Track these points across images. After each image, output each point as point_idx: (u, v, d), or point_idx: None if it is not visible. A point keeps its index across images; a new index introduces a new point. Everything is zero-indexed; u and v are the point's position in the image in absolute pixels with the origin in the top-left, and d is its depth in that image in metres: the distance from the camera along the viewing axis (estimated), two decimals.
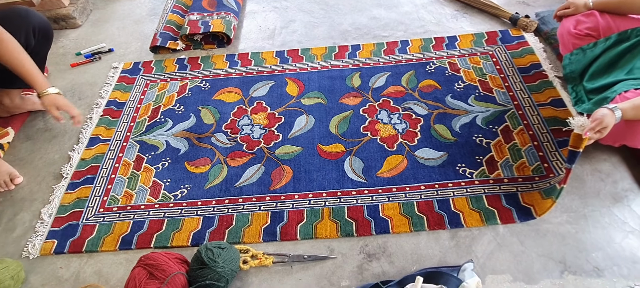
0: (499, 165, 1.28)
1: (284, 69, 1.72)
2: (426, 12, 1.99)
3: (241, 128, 1.48)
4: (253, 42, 1.90)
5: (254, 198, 1.27)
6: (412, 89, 1.56)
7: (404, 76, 1.62)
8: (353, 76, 1.64)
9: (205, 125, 1.51)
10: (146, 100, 1.64)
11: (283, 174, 1.32)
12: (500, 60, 1.64)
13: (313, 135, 1.43)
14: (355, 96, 1.56)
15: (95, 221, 1.25)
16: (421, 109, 1.47)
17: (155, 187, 1.33)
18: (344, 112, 1.50)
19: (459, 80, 1.57)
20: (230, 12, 1.95)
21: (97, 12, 2.23)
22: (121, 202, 1.30)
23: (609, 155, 1.30)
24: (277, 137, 1.43)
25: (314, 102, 1.55)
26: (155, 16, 2.13)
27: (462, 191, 1.23)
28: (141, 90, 1.69)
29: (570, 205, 1.18)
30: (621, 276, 1.03)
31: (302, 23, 1.99)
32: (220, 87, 1.66)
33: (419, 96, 1.53)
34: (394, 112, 1.48)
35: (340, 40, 1.85)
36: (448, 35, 1.80)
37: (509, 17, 1.84)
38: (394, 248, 1.12)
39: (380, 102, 1.52)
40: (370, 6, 2.06)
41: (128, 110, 1.61)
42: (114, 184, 1.35)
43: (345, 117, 1.48)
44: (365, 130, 1.43)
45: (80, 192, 1.34)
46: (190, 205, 1.27)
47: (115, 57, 1.90)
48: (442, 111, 1.46)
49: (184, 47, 1.88)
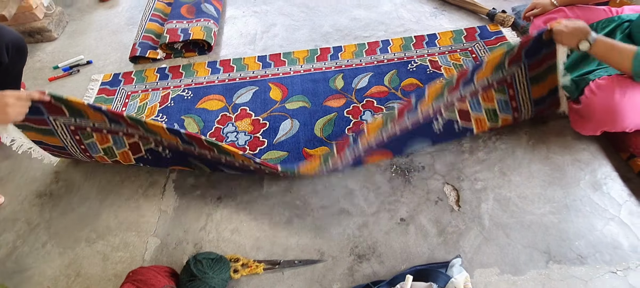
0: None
1: (266, 74, 1.71)
2: (405, 11, 2.01)
3: (226, 135, 1.47)
4: (234, 48, 1.89)
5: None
6: (394, 88, 1.57)
7: (387, 76, 1.63)
8: (336, 78, 1.65)
9: None
10: (128, 112, 1.61)
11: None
12: (480, 56, 1.67)
13: (298, 139, 1.43)
14: (339, 98, 1.56)
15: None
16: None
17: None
18: (328, 114, 1.50)
19: (441, 77, 1.60)
20: (209, 18, 1.93)
21: (74, 24, 2.18)
22: None
23: (588, 145, 1.33)
24: (262, 143, 1.43)
25: (298, 106, 1.55)
26: (134, 25, 2.09)
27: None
28: (122, 102, 1.66)
29: (552, 196, 1.21)
30: (603, 262, 1.06)
31: (283, 27, 1.99)
32: (203, 95, 1.65)
33: (401, 95, 1.54)
34: (378, 112, 1.49)
35: (322, 42, 1.86)
36: (428, 33, 1.83)
37: (486, 12, 1.88)
38: (384, 249, 1.13)
39: (364, 102, 1.53)
40: (350, 7, 2.07)
41: None
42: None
43: (330, 120, 1.48)
44: (350, 132, 1.43)
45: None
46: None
47: (95, 69, 1.86)
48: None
49: (165, 56, 1.85)
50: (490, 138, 1.38)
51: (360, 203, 1.23)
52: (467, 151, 1.35)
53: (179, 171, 1.35)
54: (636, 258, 1.07)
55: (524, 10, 1.61)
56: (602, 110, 1.14)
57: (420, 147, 1.34)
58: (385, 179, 1.29)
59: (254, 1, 2.20)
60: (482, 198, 1.22)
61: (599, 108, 1.16)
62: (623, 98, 1.11)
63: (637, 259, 1.07)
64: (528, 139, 1.37)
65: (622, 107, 1.11)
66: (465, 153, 1.34)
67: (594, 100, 1.16)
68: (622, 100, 1.11)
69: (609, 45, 1.10)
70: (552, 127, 1.40)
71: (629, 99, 1.11)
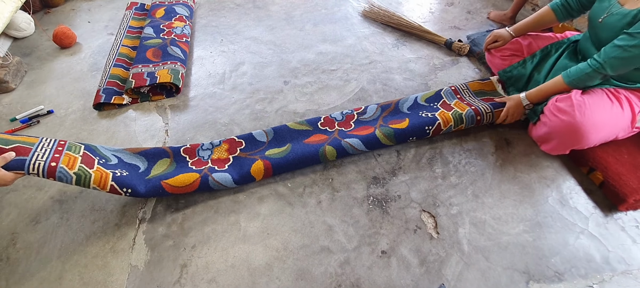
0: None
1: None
2: (369, 44, 2.08)
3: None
4: (203, 88, 1.87)
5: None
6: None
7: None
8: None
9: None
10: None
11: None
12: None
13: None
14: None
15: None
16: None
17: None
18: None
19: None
20: (176, 60, 1.92)
21: (33, 73, 2.10)
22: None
23: (551, 162, 1.40)
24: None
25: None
26: (97, 71, 2.04)
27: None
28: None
29: (524, 214, 1.24)
30: (580, 276, 1.09)
31: (251, 64, 2.00)
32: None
33: (383, 122, 1.52)
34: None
35: (291, 77, 1.88)
36: (391, 63, 1.89)
37: (443, 42, 1.97)
38: (367, 285, 1.11)
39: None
40: (316, 42, 2.12)
41: None
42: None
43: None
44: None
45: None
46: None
47: (56, 119, 1.78)
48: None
49: (131, 101, 1.81)
50: (460, 162, 1.42)
51: (341, 238, 1.22)
52: (439, 176, 1.38)
53: (150, 220, 1.29)
54: (609, 269, 1.11)
55: (482, 39, 1.71)
56: (567, 132, 1.23)
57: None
58: (363, 212, 1.29)
59: (221, 41, 2.21)
60: (459, 223, 1.24)
61: (563, 130, 1.24)
62: (583, 117, 1.19)
63: (610, 270, 1.11)
64: (495, 160, 1.42)
65: (584, 127, 1.20)
66: (438, 179, 1.37)
67: (558, 123, 1.25)
68: (583, 120, 1.19)
69: (540, 90, 1.34)
70: (517, 147, 1.46)
71: (588, 118, 1.19)
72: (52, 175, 1.09)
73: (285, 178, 1.40)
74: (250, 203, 1.33)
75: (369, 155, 1.46)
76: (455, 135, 1.53)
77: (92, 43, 2.26)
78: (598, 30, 1.29)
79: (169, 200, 1.35)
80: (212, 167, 1.36)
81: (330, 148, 1.39)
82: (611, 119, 1.23)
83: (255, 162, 1.36)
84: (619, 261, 1.14)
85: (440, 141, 1.51)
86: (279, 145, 1.44)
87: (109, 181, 1.17)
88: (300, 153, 1.38)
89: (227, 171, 1.34)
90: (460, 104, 1.54)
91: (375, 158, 1.46)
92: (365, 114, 1.57)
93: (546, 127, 1.31)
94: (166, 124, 1.66)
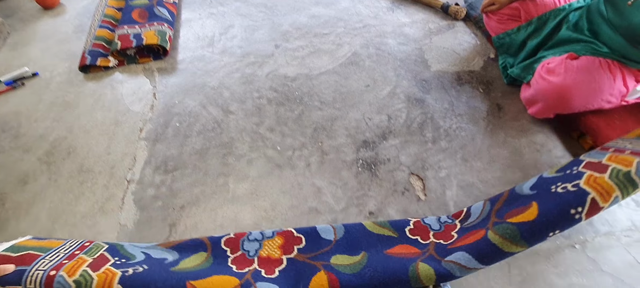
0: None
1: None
2: (363, 7, 2.02)
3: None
4: (192, 51, 1.82)
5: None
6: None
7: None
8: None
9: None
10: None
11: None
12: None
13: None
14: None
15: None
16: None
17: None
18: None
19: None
20: (163, 22, 1.86)
21: (16, 35, 2.04)
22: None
23: (541, 127, 1.39)
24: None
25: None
26: (82, 33, 1.98)
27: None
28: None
29: (512, 178, 1.25)
30: (562, 237, 1.12)
31: (241, 27, 1.95)
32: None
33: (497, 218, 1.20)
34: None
35: (282, 41, 1.83)
36: (386, 27, 1.85)
37: (440, 5, 1.92)
38: None
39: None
40: (308, 5, 2.06)
41: None
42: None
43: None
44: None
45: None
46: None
47: (41, 81, 1.74)
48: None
49: (117, 64, 1.76)
50: (451, 127, 1.41)
51: (329, 200, 1.23)
52: (430, 141, 1.37)
53: (138, 181, 1.29)
54: (592, 231, 1.13)
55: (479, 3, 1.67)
56: (550, 93, 1.21)
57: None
58: (352, 174, 1.29)
59: (209, 3, 2.14)
60: (447, 185, 1.24)
61: (550, 91, 1.22)
62: (567, 80, 1.18)
63: (593, 232, 1.13)
64: (486, 125, 1.41)
65: (567, 88, 1.18)
66: (428, 143, 1.37)
67: (544, 84, 1.23)
68: (566, 82, 1.18)
69: None
70: (508, 113, 1.45)
71: (573, 80, 1.18)
72: (49, 286, 0.86)
73: (275, 142, 1.39)
74: (239, 166, 1.32)
75: (360, 119, 1.45)
76: (447, 100, 1.52)
77: (77, 4, 2.18)
78: (627, 14, 1.06)
79: (158, 161, 1.34)
80: (259, 270, 1.00)
81: (425, 266, 0.94)
82: (598, 86, 1.19)
83: (317, 272, 0.99)
84: (603, 223, 1.16)
85: (431, 106, 1.49)
86: (351, 252, 1.05)
87: (115, 283, 0.88)
88: (381, 270, 0.95)
89: (277, 281, 0.97)
90: (618, 156, 0.91)
91: (366, 122, 1.45)
92: (470, 217, 1.10)
93: (532, 89, 1.30)
94: (154, 87, 1.63)
